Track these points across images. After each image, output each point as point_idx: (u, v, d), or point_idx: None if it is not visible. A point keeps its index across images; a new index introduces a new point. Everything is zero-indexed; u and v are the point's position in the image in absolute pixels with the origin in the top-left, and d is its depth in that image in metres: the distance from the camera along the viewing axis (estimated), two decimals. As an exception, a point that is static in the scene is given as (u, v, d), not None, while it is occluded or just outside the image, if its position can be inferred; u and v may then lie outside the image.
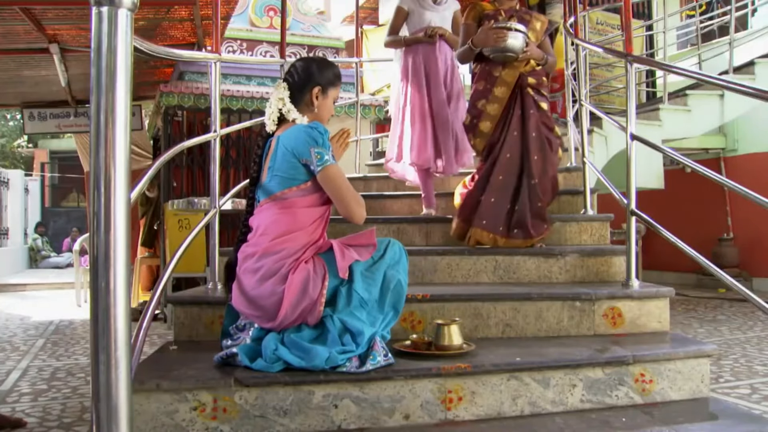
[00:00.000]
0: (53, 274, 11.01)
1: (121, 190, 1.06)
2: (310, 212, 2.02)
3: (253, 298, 1.95)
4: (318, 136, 1.97)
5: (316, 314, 1.95)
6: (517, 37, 2.86)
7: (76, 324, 5.78)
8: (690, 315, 5.63)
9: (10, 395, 3.22)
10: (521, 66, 2.97)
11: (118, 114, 1.06)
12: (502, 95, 2.97)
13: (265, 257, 1.95)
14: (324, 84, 2.12)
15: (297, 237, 1.98)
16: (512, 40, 2.86)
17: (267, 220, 2.01)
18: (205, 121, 5.60)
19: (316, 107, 2.12)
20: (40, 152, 16.48)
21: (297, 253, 1.96)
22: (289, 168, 1.99)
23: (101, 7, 1.05)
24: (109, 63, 1.05)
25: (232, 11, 5.30)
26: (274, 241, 1.96)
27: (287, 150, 1.98)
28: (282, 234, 1.97)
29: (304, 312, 1.95)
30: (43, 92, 6.71)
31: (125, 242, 1.06)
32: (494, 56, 2.94)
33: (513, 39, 2.86)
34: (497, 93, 2.98)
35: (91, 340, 1.05)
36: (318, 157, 1.96)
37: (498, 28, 2.88)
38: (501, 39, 2.85)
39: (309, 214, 2.01)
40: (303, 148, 1.96)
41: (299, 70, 2.13)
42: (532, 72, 3.01)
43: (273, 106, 2.10)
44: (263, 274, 1.94)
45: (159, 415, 1.77)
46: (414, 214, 3.50)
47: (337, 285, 1.98)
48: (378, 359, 1.90)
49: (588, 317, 2.42)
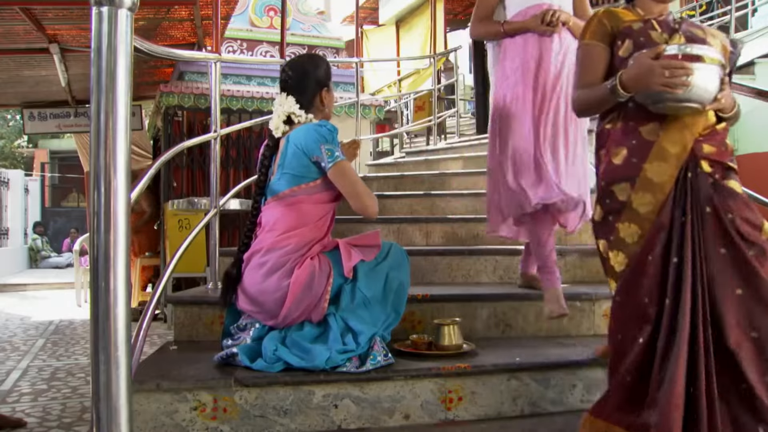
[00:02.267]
0: (53, 274, 11.01)
1: (121, 190, 1.06)
2: (316, 209, 2.03)
3: (258, 293, 1.96)
4: (327, 133, 2.00)
5: (320, 311, 1.96)
6: (710, 74, 1.55)
7: (76, 324, 5.78)
8: (690, 315, 5.63)
9: (10, 395, 3.22)
10: (698, 122, 1.64)
11: (118, 114, 1.06)
12: (661, 178, 1.62)
13: (271, 252, 1.96)
14: (328, 83, 2.16)
15: (303, 233, 1.99)
16: (702, 80, 1.54)
17: (273, 217, 2.02)
18: (205, 121, 5.59)
19: (326, 107, 2.16)
20: (40, 152, 16.48)
21: (303, 248, 1.97)
22: (299, 166, 2.00)
23: (101, 7, 1.04)
24: (109, 63, 1.05)
25: (232, 11, 5.31)
26: (280, 237, 1.97)
27: (298, 148, 2.00)
28: (288, 229, 1.98)
29: (307, 309, 1.95)
30: (43, 92, 6.71)
31: (125, 242, 1.06)
32: (668, 107, 1.60)
33: (703, 77, 1.54)
34: (652, 173, 1.63)
35: (91, 340, 1.05)
36: (329, 154, 1.97)
37: (672, 57, 1.55)
38: (682, 78, 1.52)
39: (316, 210, 2.03)
40: (314, 146, 1.98)
41: (302, 76, 2.12)
42: (711, 134, 1.66)
43: (280, 116, 2.11)
44: (269, 269, 1.95)
45: (159, 415, 1.77)
46: (414, 214, 3.50)
47: (341, 284, 1.99)
48: (378, 359, 1.91)
49: (588, 317, 2.42)
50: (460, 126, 6.82)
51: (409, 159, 5.38)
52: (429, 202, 3.56)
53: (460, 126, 6.82)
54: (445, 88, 8.20)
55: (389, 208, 3.59)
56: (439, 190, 3.82)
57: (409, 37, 8.96)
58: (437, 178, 4.05)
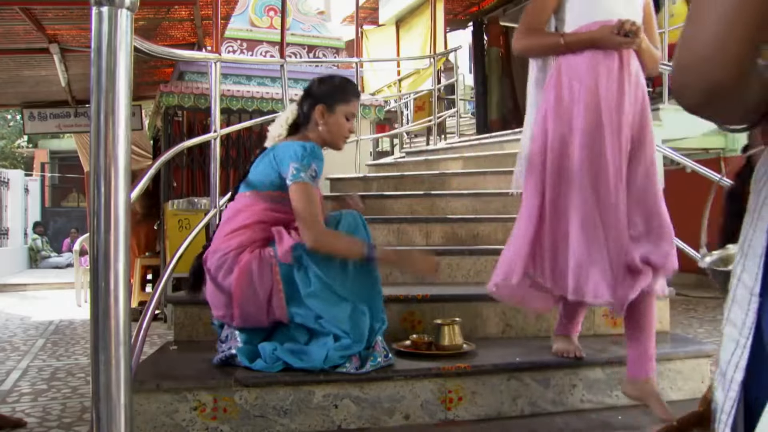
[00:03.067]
0: (53, 274, 11.00)
1: (121, 190, 1.06)
2: (270, 215, 1.99)
3: (210, 296, 1.98)
4: (304, 155, 1.94)
5: (281, 309, 1.91)
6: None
7: (76, 324, 5.77)
8: (690, 315, 5.63)
9: (10, 395, 3.22)
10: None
11: (118, 114, 1.06)
12: None
13: (213, 255, 1.97)
14: (327, 102, 2.07)
15: (247, 233, 1.96)
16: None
17: (229, 212, 2.03)
18: (205, 121, 5.59)
19: (322, 126, 2.07)
20: (40, 152, 16.47)
21: (242, 247, 1.94)
22: (270, 172, 1.99)
23: (101, 7, 1.05)
24: (109, 63, 1.05)
25: (232, 11, 5.30)
26: (225, 237, 1.97)
27: (273, 158, 1.99)
28: (235, 229, 1.97)
29: (263, 306, 1.90)
30: (43, 92, 6.71)
31: (125, 242, 1.06)
32: None
33: None
34: None
35: (91, 340, 1.05)
36: (293, 172, 1.93)
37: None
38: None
39: (268, 216, 1.99)
40: (285, 161, 1.95)
41: (308, 89, 2.13)
42: None
43: (277, 127, 2.12)
44: (213, 273, 1.96)
45: (159, 415, 1.77)
46: (414, 214, 3.50)
47: (290, 271, 1.91)
48: (378, 360, 1.91)
49: (588, 317, 2.42)
50: (460, 126, 6.82)
51: (409, 159, 5.38)
52: (429, 202, 3.56)
53: (460, 126, 6.82)
54: (445, 88, 8.20)
55: (389, 208, 3.59)
56: (439, 190, 3.81)
57: (409, 37, 8.95)
58: (437, 178, 4.05)
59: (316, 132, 2.08)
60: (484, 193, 3.55)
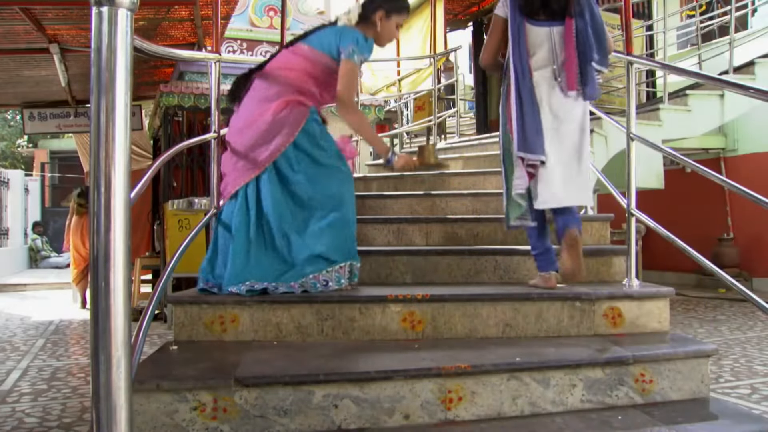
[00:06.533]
0: (53, 274, 11.01)
1: (121, 190, 1.06)
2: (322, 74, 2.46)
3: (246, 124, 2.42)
4: (363, 43, 2.43)
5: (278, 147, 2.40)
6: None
7: (76, 324, 5.78)
8: (690, 315, 5.63)
9: (10, 395, 3.22)
10: None
11: (118, 114, 1.06)
12: None
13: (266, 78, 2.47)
14: (387, 9, 2.53)
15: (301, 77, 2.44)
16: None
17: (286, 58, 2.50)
18: (205, 121, 5.60)
19: (379, 27, 2.54)
20: (40, 152, 16.47)
21: (289, 94, 2.40)
22: (332, 41, 2.44)
23: (101, 7, 1.05)
24: (109, 63, 1.05)
25: (232, 11, 5.30)
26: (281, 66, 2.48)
27: (340, 33, 2.44)
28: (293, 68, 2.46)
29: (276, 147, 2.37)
30: (43, 92, 6.71)
31: (125, 242, 1.06)
32: None
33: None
34: None
35: (91, 340, 1.05)
36: (350, 51, 2.41)
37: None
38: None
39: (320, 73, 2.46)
40: (347, 39, 2.42)
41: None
42: None
43: (344, 19, 2.53)
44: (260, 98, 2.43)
45: (159, 415, 1.77)
46: (414, 214, 3.50)
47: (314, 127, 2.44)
48: (342, 282, 2.39)
49: (588, 317, 2.42)
50: (460, 126, 6.81)
51: (409, 159, 5.36)
52: (429, 202, 3.56)
53: (460, 126, 6.81)
54: (445, 88, 8.19)
55: (389, 208, 3.58)
56: (439, 190, 3.81)
57: (408, 37, 8.94)
58: (437, 178, 4.04)
59: (373, 30, 2.55)
60: (484, 193, 3.55)
